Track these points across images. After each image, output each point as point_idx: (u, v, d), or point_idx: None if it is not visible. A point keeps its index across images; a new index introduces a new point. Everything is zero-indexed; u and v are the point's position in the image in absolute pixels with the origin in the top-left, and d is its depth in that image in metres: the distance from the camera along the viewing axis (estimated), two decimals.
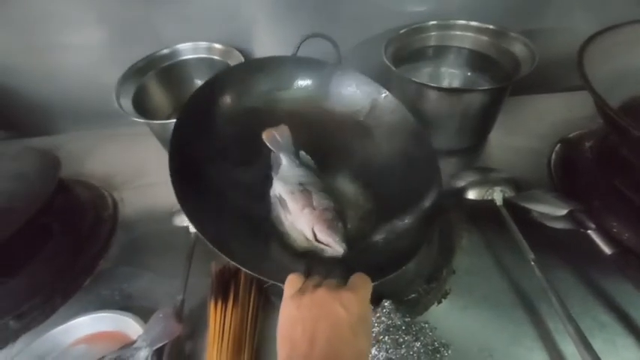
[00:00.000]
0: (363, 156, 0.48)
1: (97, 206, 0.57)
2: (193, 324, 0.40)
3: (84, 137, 0.71)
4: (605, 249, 0.41)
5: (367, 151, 0.48)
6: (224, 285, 0.40)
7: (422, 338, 0.37)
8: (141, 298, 0.44)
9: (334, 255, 0.36)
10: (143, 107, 0.60)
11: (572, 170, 0.55)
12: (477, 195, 0.50)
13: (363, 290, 0.27)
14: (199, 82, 0.70)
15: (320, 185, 0.41)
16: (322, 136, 0.49)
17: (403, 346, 0.37)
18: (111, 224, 0.54)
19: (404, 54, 0.61)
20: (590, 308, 0.40)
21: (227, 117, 0.46)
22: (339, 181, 0.46)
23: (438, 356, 0.37)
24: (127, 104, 0.57)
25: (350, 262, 0.35)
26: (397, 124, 0.49)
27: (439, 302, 0.41)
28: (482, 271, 0.44)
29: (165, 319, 0.36)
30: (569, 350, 0.36)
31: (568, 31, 0.64)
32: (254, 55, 0.67)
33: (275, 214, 0.40)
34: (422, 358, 0.36)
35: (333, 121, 0.50)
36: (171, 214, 0.49)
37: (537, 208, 0.46)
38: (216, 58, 0.64)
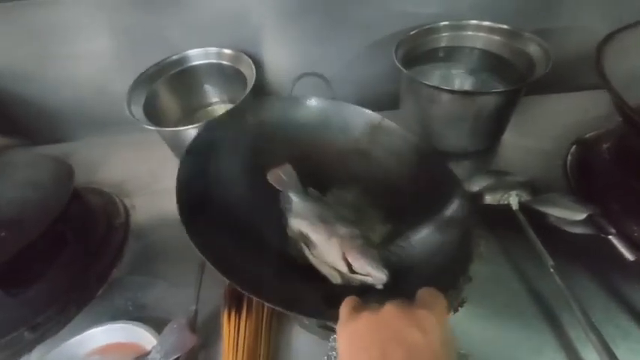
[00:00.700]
0: (372, 182, 0.47)
1: (109, 214, 0.57)
2: (206, 334, 0.40)
3: (95, 144, 0.71)
4: (628, 255, 0.40)
5: (374, 177, 0.48)
6: (237, 294, 0.40)
7: None
8: (154, 308, 0.44)
9: (375, 284, 0.32)
10: (154, 114, 0.60)
11: (589, 172, 0.54)
12: (492, 200, 0.49)
13: (440, 307, 0.22)
14: (209, 87, 0.70)
15: (338, 215, 0.39)
16: (327, 169, 0.49)
17: None
18: (123, 232, 0.54)
19: (415, 55, 0.60)
20: (612, 316, 0.38)
21: (228, 161, 0.46)
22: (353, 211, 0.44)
23: None
24: (138, 111, 0.57)
25: (394, 294, 0.33)
26: (398, 147, 0.49)
27: (456, 311, 0.40)
28: (499, 279, 0.43)
29: (179, 330, 0.36)
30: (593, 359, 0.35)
31: (581, 29, 0.63)
32: (263, 60, 0.67)
33: (299, 253, 0.37)
34: None
35: (335, 154, 0.50)
36: None
37: (554, 212, 0.45)
38: (225, 63, 0.64)
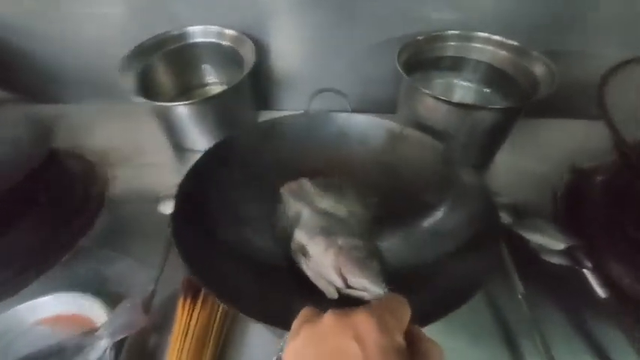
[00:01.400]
0: (391, 193, 0.46)
1: (88, 181, 0.56)
2: (162, 317, 0.39)
3: (87, 110, 0.70)
4: (600, 291, 0.38)
5: (394, 187, 0.47)
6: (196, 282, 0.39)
7: None
8: (115, 283, 0.43)
9: (374, 297, 0.30)
10: (147, 87, 0.59)
11: (579, 203, 0.52)
12: None
13: (389, 315, 0.19)
14: (207, 67, 0.69)
15: (346, 227, 0.37)
16: (343, 181, 0.48)
17: None
18: (98, 202, 0.53)
19: (418, 61, 0.59)
20: (575, 352, 0.38)
21: (242, 177, 0.46)
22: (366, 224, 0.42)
23: None
24: (131, 82, 0.56)
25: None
26: (421, 156, 0.47)
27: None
28: None
29: (131, 309, 0.35)
30: None
31: (593, 56, 0.61)
32: (269, 46, 0.65)
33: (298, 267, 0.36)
34: None
35: (354, 167, 0.49)
36: (157, 199, 0.48)
37: (535, 238, 0.44)
38: (225, 43, 0.63)
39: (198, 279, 0.31)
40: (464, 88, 0.63)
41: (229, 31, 0.62)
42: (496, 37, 0.57)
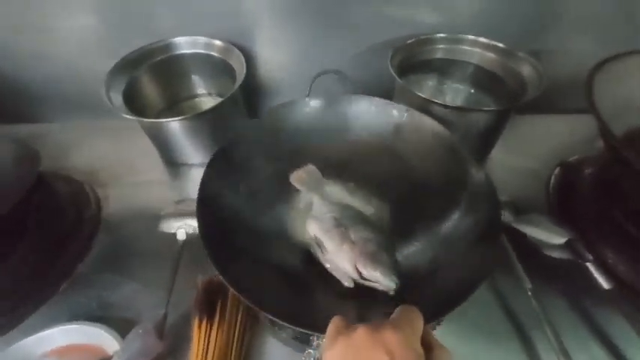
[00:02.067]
0: (398, 180, 0.46)
1: (79, 204, 0.53)
2: (175, 341, 0.38)
3: (70, 128, 0.67)
4: (603, 283, 0.40)
5: (401, 174, 0.46)
6: (210, 300, 0.38)
7: None
8: (120, 309, 0.42)
9: (385, 290, 0.33)
10: (134, 101, 0.57)
11: (571, 196, 0.54)
12: None
13: (409, 328, 0.22)
14: (196, 78, 0.67)
15: (357, 217, 0.38)
16: (351, 169, 0.48)
17: None
18: (93, 224, 0.51)
19: (410, 64, 0.60)
20: (585, 343, 0.39)
21: (251, 169, 0.45)
22: (376, 211, 0.43)
23: None
24: (118, 98, 0.54)
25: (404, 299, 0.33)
26: (427, 141, 0.47)
27: (433, 329, 0.40)
28: (478, 297, 0.42)
29: (144, 335, 0.34)
30: None
31: (573, 53, 0.63)
32: (254, 54, 0.64)
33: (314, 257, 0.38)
34: None
35: (359, 152, 0.49)
36: (158, 217, 0.47)
37: (535, 233, 0.45)
38: (214, 54, 0.62)
39: (237, 291, 0.31)
40: (454, 90, 0.64)
41: (218, 42, 0.61)
42: (483, 40, 0.59)
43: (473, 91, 0.63)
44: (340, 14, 0.61)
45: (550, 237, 0.44)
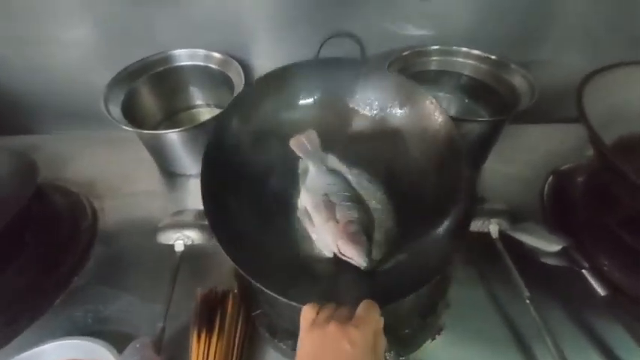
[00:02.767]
0: (392, 163, 0.46)
1: (75, 215, 0.53)
2: (173, 354, 0.38)
3: (67, 139, 0.67)
4: (599, 290, 0.40)
5: (397, 157, 0.46)
6: (209, 312, 0.38)
7: None
8: (117, 322, 0.41)
9: (359, 266, 0.36)
10: (133, 113, 0.57)
11: (565, 204, 0.55)
12: (472, 226, 0.49)
13: (367, 325, 0.27)
14: (194, 89, 0.68)
15: (346, 195, 0.40)
16: (350, 141, 0.48)
17: None
18: (89, 236, 0.51)
19: (405, 75, 0.61)
20: (583, 351, 0.39)
21: (254, 134, 0.45)
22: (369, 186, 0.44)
23: None
24: (116, 110, 0.54)
25: (373, 281, 0.35)
26: (433, 130, 0.45)
27: (433, 339, 0.40)
28: (477, 306, 0.43)
29: (142, 349, 0.34)
30: None
31: (562, 64, 0.65)
32: (252, 67, 0.65)
33: (302, 226, 0.41)
34: None
35: (362, 126, 0.48)
36: (155, 229, 0.46)
37: (531, 241, 0.46)
38: (213, 66, 0.62)
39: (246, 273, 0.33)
40: (448, 100, 0.66)
41: (216, 54, 0.62)
42: (476, 52, 0.60)
43: (467, 101, 0.64)
44: (337, 27, 0.62)
45: (546, 245, 0.45)
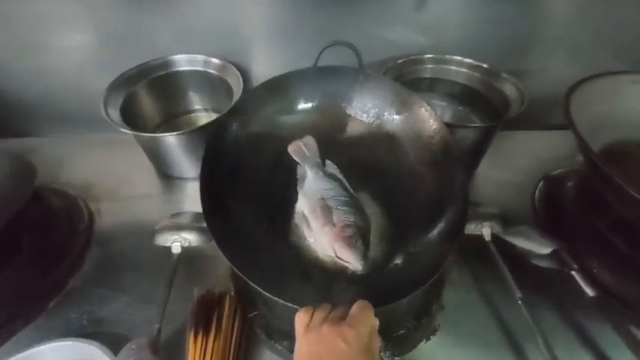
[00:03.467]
0: (388, 167, 0.47)
1: (72, 217, 0.53)
2: (170, 355, 0.38)
3: (64, 141, 0.67)
4: (588, 291, 0.42)
5: (392, 162, 0.48)
6: (206, 313, 0.38)
7: None
8: (112, 324, 0.41)
9: (355, 270, 0.36)
10: (131, 116, 0.58)
11: (555, 208, 0.57)
12: (465, 229, 0.50)
13: (362, 325, 0.28)
14: (193, 94, 0.68)
15: (343, 200, 0.41)
16: (347, 147, 0.49)
17: None
18: (85, 238, 0.51)
19: (400, 83, 0.62)
20: (574, 351, 0.40)
21: (252, 140, 0.47)
22: (361, 196, 0.44)
23: None
24: (115, 113, 0.55)
25: (369, 283, 0.36)
26: (427, 136, 0.46)
27: (428, 339, 0.41)
28: (470, 308, 0.44)
29: (138, 351, 0.34)
30: None
31: (551, 72, 0.67)
32: (251, 72, 0.66)
33: (300, 230, 0.41)
34: None
35: (359, 131, 0.50)
36: (152, 231, 0.47)
37: (523, 244, 0.47)
38: (212, 72, 0.63)
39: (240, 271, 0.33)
40: (441, 107, 0.67)
41: (215, 60, 0.63)
42: (468, 60, 0.62)
43: (460, 108, 0.66)
44: (334, 35, 0.63)
45: (537, 247, 0.46)
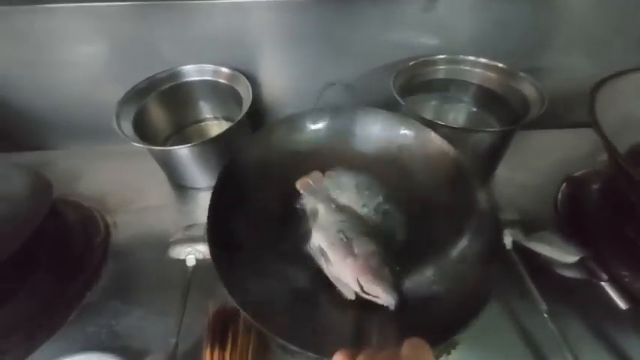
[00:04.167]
0: (403, 194, 0.46)
1: (88, 231, 0.54)
2: None
3: (77, 154, 0.68)
4: (620, 303, 0.39)
5: (406, 188, 0.47)
6: (221, 328, 0.38)
7: None
8: (130, 337, 0.41)
9: (386, 305, 0.33)
10: (143, 128, 0.58)
11: (580, 212, 0.54)
12: None
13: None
14: (203, 103, 0.69)
15: (362, 228, 0.38)
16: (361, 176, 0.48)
17: None
18: (102, 252, 0.51)
19: (412, 85, 0.61)
20: None
21: (259, 178, 0.46)
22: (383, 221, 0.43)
23: None
24: (128, 127, 0.55)
25: (406, 319, 0.32)
26: (434, 157, 0.47)
27: (449, 353, 0.39)
28: (492, 320, 0.42)
29: None
30: None
31: (570, 69, 0.65)
32: (259, 80, 0.66)
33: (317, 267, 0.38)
34: None
35: (366, 162, 0.50)
36: (167, 243, 0.47)
37: (546, 252, 0.45)
38: (221, 81, 0.63)
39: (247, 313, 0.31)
40: (456, 109, 0.65)
41: (225, 69, 0.63)
42: (483, 60, 0.60)
43: (475, 109, 0.64)
44: (343, 40, 0.62)
45: (562, 255, 0.44)
